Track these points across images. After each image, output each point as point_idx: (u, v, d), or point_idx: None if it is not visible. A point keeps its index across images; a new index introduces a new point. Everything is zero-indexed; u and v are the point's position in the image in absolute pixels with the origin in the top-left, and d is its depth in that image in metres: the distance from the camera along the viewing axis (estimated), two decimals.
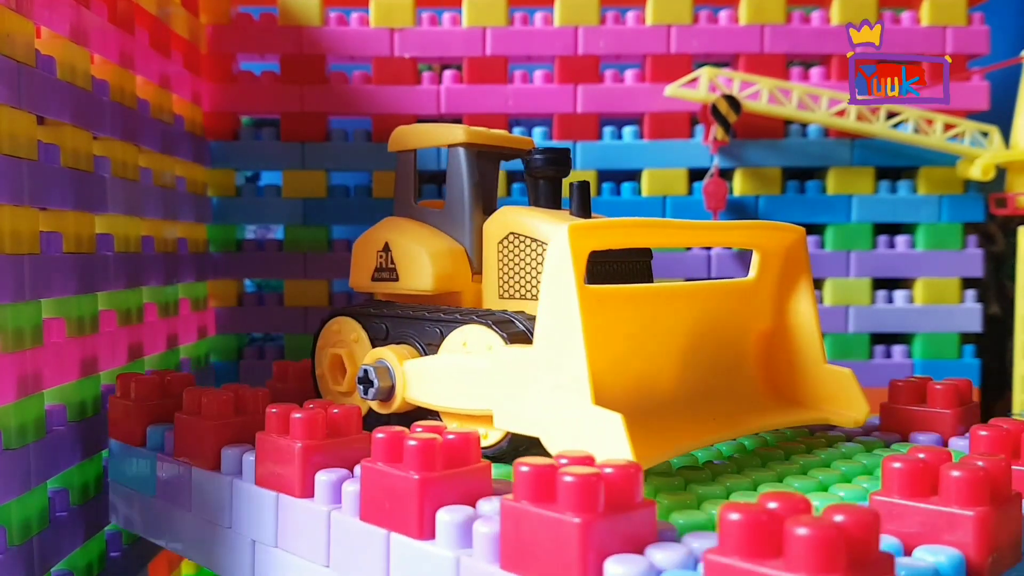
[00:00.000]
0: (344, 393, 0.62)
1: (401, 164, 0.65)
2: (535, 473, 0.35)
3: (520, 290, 0.55)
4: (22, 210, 0.54)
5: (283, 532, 0.48)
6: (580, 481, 0.34)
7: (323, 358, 0.63)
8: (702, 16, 0.93)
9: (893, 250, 0.94)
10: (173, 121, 0.82)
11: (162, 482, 0.58)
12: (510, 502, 0.36)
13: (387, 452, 0.42)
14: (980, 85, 0.92)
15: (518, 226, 0.55)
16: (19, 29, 0.53)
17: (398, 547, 0.42)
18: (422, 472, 0.40)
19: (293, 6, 0.92)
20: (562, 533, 0.34)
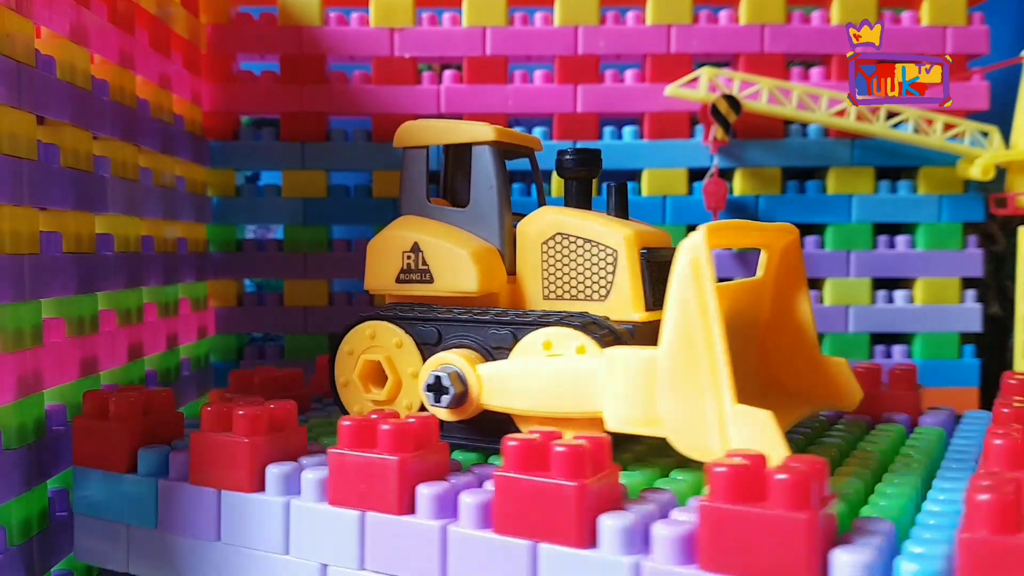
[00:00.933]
0: (381, 401, 0.58)
1: (411, 161, 0.63)
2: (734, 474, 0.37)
3: (570, 290, 0.56)
4: (22, 210, 0.54)
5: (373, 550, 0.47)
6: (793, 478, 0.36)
7: (351, 365, 0.59)
8: (702, 16, 0.93)
9: (893, 250, 0.94)
10: (173, 121, 0.82)
11: (171, 511, 0.53)
12: (708, 504, 0.38)
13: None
14: (980, 85, 0.92)
15: (567, 227, 0.57)
16: (19, 29, 0.53)
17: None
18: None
19: (293, 6, 0.92)
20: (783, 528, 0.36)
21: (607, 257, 0.55)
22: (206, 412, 0.51)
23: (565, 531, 0.40)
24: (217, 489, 0.50)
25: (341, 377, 0.60)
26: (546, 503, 0.41)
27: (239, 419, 0.50)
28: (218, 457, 0.50)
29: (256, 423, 0.50)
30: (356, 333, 0.59)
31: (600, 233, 0.55)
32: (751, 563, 0.36)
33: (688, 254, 0.45)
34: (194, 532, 0.51)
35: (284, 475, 0.49)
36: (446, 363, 0.54)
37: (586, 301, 0.56)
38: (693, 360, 0.45)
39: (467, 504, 0.43)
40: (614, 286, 0.55)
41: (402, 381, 0.57)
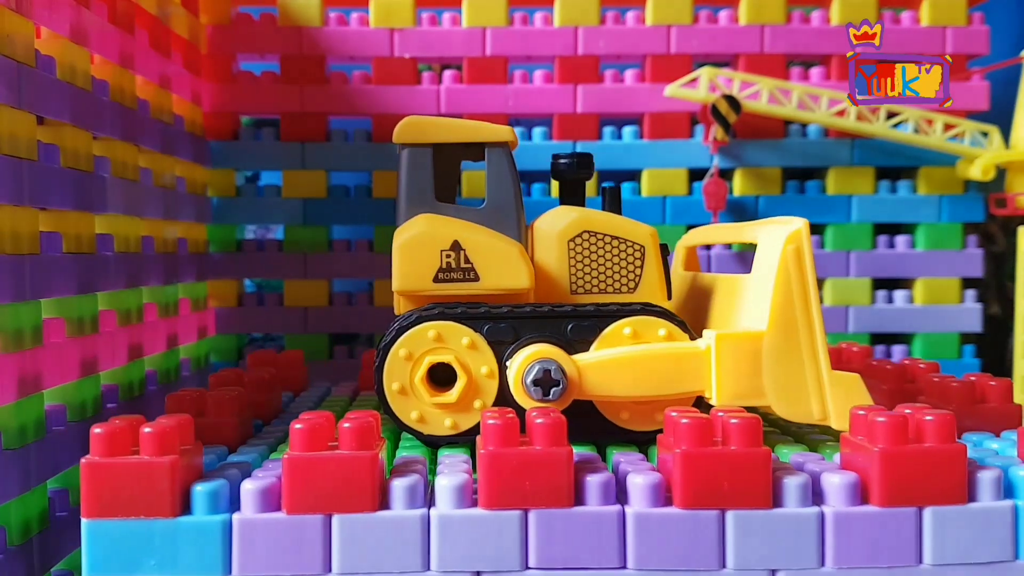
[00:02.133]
0: (450, 404, 0.56)
1: (416, 158, 0.60)
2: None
3: (599, 284, 0.59)
4: (22, 210, 0.54)
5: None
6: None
7: (408, 369, 0.56)
8: (702, 16, 0.93)
9: (893, 250, 0.94)
10: (173, 121, 0.82)
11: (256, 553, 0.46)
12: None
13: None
14: (980, 85, 0.92)
15: (594, 225, 0.60)
16: (19, 29, 0.53)
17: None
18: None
19: (293, 6, 0.92)
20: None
21: (636, 252, 0.60)
22: (296, 432, 0.46)
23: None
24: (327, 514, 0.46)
25: (394, 383, 0.56)
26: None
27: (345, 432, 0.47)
28: (332, 478, 0.46)
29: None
30: (415, 335, 0.56)
31: (628, 230, 0.60)
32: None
33: (792, 243, 0.54)
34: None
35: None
36: (543, 357, 0.54)
37: (615, 294, 0.59)
38: (794, 335, 0.53)
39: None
40: (642, 279, 0.59)
41: (476, 381, 0.56)
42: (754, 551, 0.45)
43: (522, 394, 0.54)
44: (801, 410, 0.53)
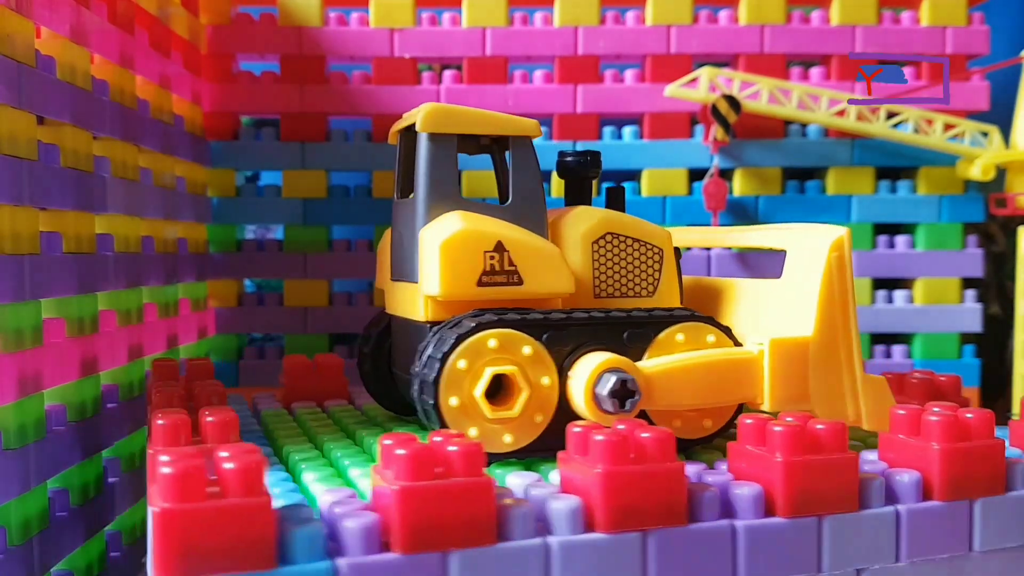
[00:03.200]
0: (511, 419, 0.51)
1: (440, 149, 0.55)
2: None
3: (621, 287, 0.57)
4: (22, 210, 0.54)
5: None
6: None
7: (469, 381, 0.50)
8: (702, 16, 0.93)
9: (893, 250, 0.94)
10: (173, 121, 0.82)
11: None
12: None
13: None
14: (980, 85, 0.92)
15: (617, 227, 0.57)
16: (19, 29, 0.53)
17: None
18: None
19: (293, 6, 0.92)
20: None
21: (655, 255, 0.58)
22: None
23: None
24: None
25: (453, 398, 0.50)
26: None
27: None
28: (450, 509, 0.40)
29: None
30: (475, 343, 0.50)
31: (649, 232, 0.58)
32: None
33: (835, 251, 0.55)
34: None
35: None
36: (614, 366, 0.51)
37: (635, 298, 0.57)
38: (833, 340, 0.54)
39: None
40: (661, 282, 0.58)
41: (537, 394, 0.51)
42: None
43: (592, 406, 0.50)
44: (838, 412, 0.54)
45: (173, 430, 0.45)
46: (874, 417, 0.54)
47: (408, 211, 0.57)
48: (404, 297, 0.57)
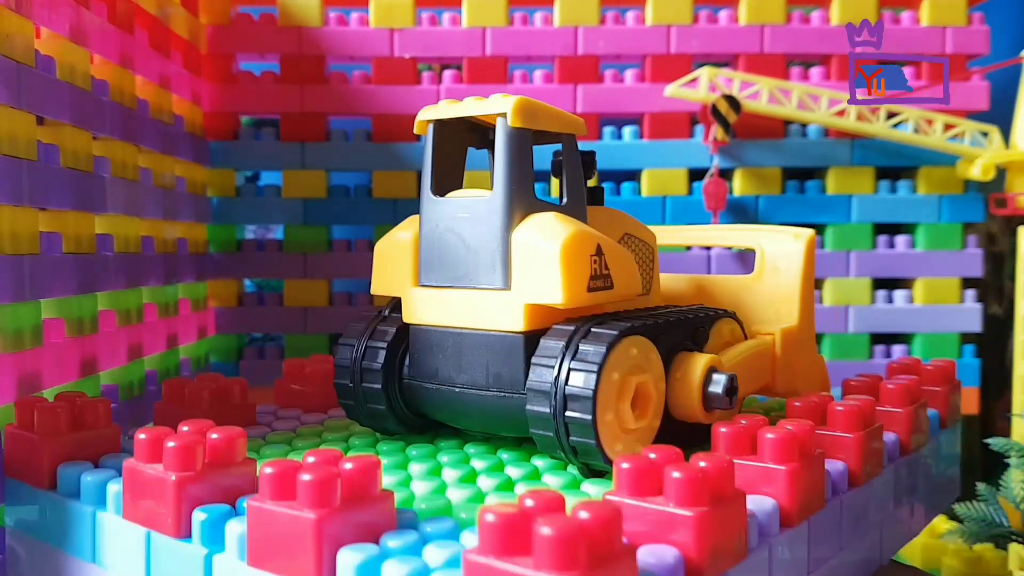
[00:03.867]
0: (641, 430, 0.48)
1: (523, 144, 0.51)
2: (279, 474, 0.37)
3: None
4: (22, 210, 0.54)
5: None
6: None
7: (615, 392, 0.46)
8: (702, 16, 0.93)
9: (893, 250, 0.94)
10: (173, 121, 0.82)
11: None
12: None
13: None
14: (980, 85, 0.92)
15: (631, 227, 0.58)
16: (19, 29, 0.53)
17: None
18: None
19: (293, 6, 0.92)
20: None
21: (651, 254, 0.59)
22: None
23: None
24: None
25: (607, 411, 0.45)
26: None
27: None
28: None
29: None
30: (620, 352, 0.46)
31: (646, 233, 0.59)
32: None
33: (809, 250, 0.62)
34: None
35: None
36: (713, 364, 0.50)
37: (639, 297, 0.55)
38: (810, 327, 0.62)
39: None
40: (653, 280, 0.59)
41: (657, 400, 0.49)
42: None
43: (700, 406, 0.49)
44: (803, 388, 0.60)
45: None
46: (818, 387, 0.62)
47: (478, 213, 0.51)
48: (465, 305, 0.50)
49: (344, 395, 0.54)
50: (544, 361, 0.46)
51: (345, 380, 0.54)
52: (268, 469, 0.37)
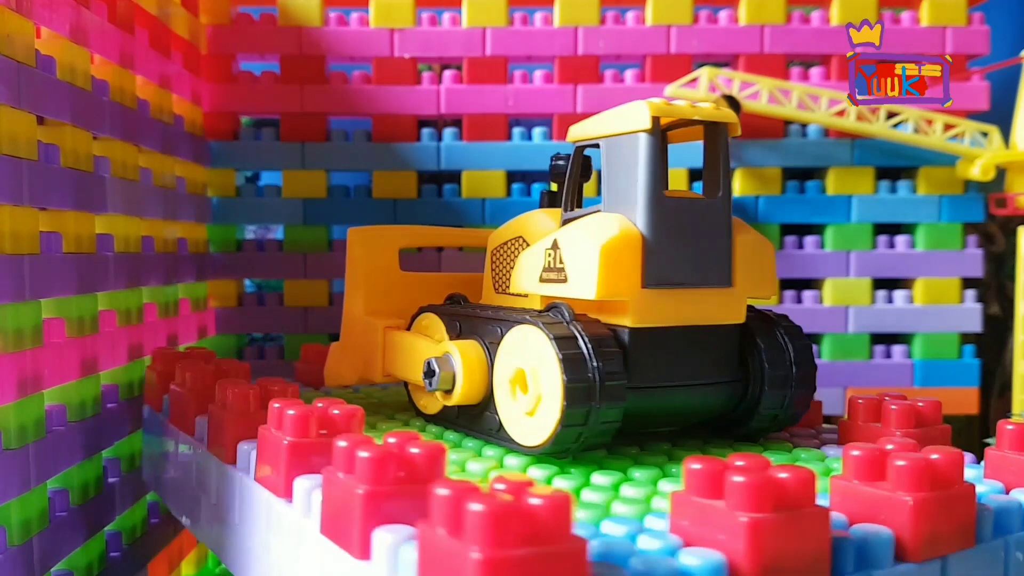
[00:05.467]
0: None
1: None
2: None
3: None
4: (22, 210, 0.54)
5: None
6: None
7: None
8: (702, 16, 0.93)
9: (893, 250, 0.94)
10: (173, 121, 0.82)
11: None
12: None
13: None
14: (980, 85, 0.92)
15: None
16: (19, 29, 0.53)
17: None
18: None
19: (293, 6, 0.92)
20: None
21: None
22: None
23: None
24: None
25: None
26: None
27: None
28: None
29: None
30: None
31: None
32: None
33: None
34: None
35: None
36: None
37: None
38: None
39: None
40: None
41: None
42: None
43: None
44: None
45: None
46: None
47: (703, 212, 0.51)
48: (699, 302, 0.51)
49: (573, 421, 0.47)
50: (778, 350, 0.53)
51: (582, 405, 0.46)
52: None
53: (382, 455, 0.37)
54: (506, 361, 0.51)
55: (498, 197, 0.93)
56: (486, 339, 0.53)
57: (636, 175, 0.49)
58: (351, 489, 0.37)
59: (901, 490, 0.37)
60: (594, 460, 0.50)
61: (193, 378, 0.60)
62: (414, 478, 0.37)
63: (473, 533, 0.29)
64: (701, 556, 0.33)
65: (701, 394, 0.52)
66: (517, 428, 0.50)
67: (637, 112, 0.50)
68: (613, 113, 0.52)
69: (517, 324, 0.50)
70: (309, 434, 0.44)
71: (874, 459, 0.38)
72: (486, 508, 0.29)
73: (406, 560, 0.34)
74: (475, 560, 0.28)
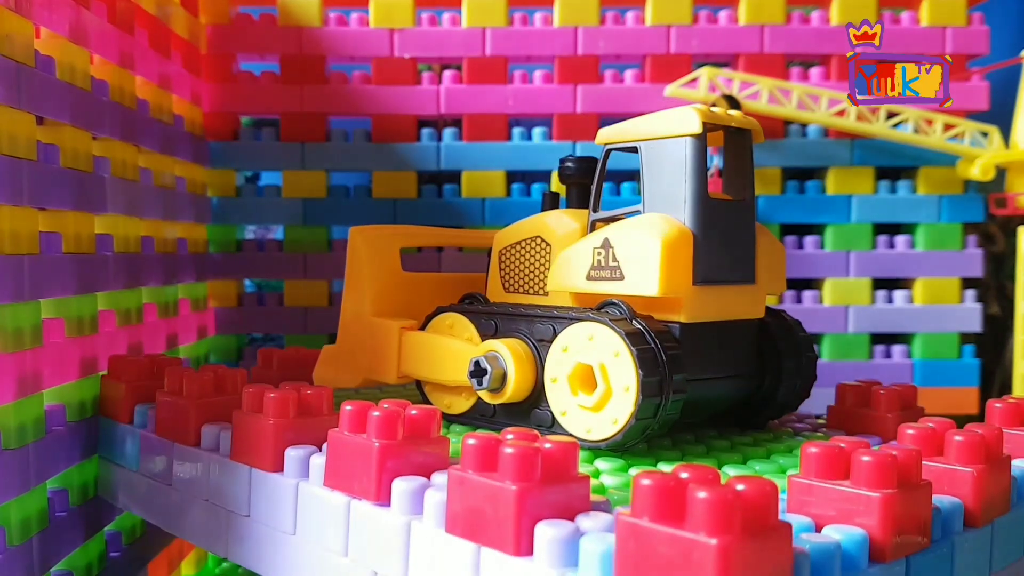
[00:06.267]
0: None
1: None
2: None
3: None
4: (22, 210, 0.54)
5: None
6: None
7: None
8: (702, 16, 0.93)
9: (893, 250, 0.94)
10: (173, 121, 0.82)
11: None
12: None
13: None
14: (980, 85, 0.92)
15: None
16: (19, 29, 0.53)
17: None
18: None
19: (293, 6, 0.92)
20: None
21: None
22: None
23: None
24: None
25: None
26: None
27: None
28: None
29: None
30: None
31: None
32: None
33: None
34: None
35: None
36: None
37: None
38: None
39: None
40: None
41: None
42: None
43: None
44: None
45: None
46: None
47: (737, 213, 0.55)
48: (734, 298, 0.54)
49: (646, 414, 0.48)
50: (791, 342, 0.56)
51: (654, 398, 0.48)
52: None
53: (529, 451, 0.37)
54: (562, 358, 0.51)
55: (498, 197, 0.93)
56: (533, 337, 0.54)
57: (684, 177, 0.52)
58: (498, 488, 0.37)
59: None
60: (648, 453, 0.52)
61: (193, 386, 0.57)
62: (556, 473, 0.38)
63: (702, 521, 0.30)
64: (844, 532, 0.36)
65: (732, 385, 0.55)
66: (577, 423, 0.51)
67: (687, 118, 0.52)
68: (655, 118, 0.54)
69: (577, 321, 0.51)
70: (396, 435, 0.43)
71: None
72: (712, 496, 0.30)
73: (589, 552, 0.34)
74: (712, 547, 0.30)
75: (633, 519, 0.32)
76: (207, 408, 0.56)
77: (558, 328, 0.52)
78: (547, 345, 0.53)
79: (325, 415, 0.51)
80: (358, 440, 0.44)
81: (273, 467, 0.49)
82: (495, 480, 0.37)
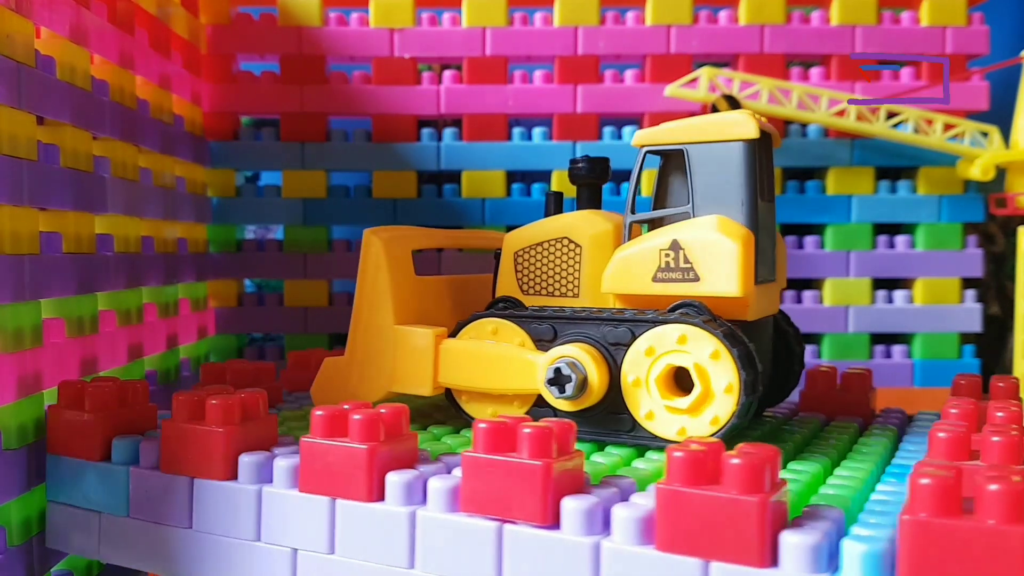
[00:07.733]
0: None
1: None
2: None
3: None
4: (22, 210, 0.54)
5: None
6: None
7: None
8: (702, 16, 0.93)
9: (893, 250, 0.94)
10: (173, 121, 0.82)
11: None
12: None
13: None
14: (980, 85, 0.92)
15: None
16: (19, 29, 0.53)
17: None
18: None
19: (293, 6, 0.92)
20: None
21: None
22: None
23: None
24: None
25: None
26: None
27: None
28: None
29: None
30: None
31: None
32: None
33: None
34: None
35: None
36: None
37: None
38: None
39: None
40: None
41: None
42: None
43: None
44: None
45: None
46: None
47: (770, 214, 0.57)
48: (768, 295, 0.57)
49: (744, 412, 0.50)
50: (797, 335, 0.62)
51: (751, 396, 0.50)
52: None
53: (758, 462, 0.37)
54: (645, 361, 0.52)
55: (498, 197, 0.93)
56: (606, 340, 0.54)
57: (739, 180, 0.53)
58: (728, 501, 0.37)
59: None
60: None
61: (222, 409, 0.50)
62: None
63: (999, 511, 0.32)
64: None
65: (765, 378, 0.57)
66: (667, 425, 0.51)
67: (743, 122, 0.53)
68: (704, 121, 0.55)
69: (663, 324, 0.51)
70: (552, 454, 0.42)
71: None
72: (1005, 488, 0.32)
73: (864, 559, 0.35)
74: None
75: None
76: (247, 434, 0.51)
77: (637, 331, 0.52)
78: (621, 349, 0.53)
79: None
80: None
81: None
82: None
